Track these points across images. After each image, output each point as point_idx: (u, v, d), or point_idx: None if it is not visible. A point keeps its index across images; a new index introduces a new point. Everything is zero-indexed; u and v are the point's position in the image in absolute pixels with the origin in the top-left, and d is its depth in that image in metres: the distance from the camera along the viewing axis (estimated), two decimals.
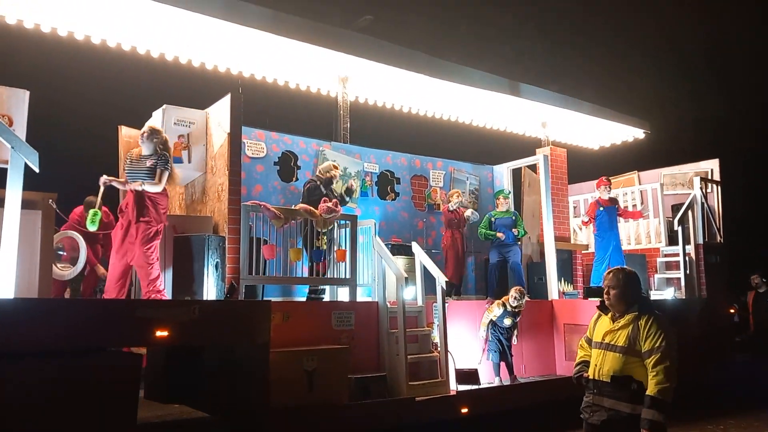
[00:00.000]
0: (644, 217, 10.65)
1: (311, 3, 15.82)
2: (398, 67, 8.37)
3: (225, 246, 5.85)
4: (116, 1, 6.46)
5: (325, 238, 6.88)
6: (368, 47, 8.14)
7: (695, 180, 10.49)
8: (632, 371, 3.61)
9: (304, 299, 7.18)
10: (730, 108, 19.82)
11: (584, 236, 11.89)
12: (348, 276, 6.84)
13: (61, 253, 6.20)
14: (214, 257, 5.60)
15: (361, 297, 7.26)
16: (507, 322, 7.37)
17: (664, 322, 3.66)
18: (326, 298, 7.09)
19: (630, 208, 11.11)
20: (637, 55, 20.62)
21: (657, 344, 3.55)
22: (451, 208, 8.82)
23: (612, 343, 3.69)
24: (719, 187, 10.88)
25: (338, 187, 8.01)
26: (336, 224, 6.90)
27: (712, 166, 11.17)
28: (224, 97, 6.34)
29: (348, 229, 6.92)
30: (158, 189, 5.59)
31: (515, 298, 7.34)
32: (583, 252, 10.77)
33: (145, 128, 5.75)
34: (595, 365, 3.75)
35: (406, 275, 6.70)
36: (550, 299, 8.79)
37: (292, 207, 6.61)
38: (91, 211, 5.52)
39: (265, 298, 6.85)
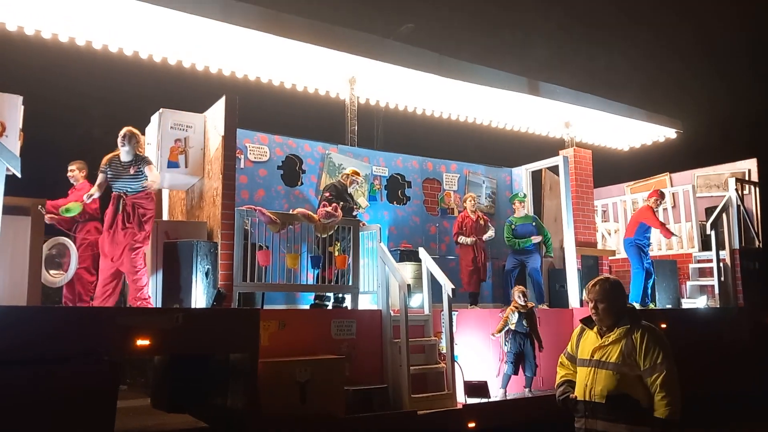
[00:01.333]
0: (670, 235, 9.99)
1: (355, 12, 15.78)
2: (408, 67, 8.15)
3: (218, 252, 5.70)
4: (119, 5, 6.43)
5: (339, 244, 6.70)
6: (376, 47, 7.95)
7: (730, 181, 9.94)
8: (629, 389, 3.31)
9: (307, 307, 6.99)
10: None
11: (614, 242, 11.42)
12: (350, 283, 6.62)
13: (57, 260, 6.16)
14: (204, 264, 5.46)
15: (370, 305, 7.03)
16: (525, 323, 7.05)
17: (659, 335, 3.41)
18: (348, 306, 6.92)
19: (661, 214, 10.56)
20: (669, 50, 19.82)
21: (658, 360, 3.29)
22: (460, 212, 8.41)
23: (604, 359, 3.38)
24: (757, 189, 10.28)
25: (358, 193, 7.83)
26: (337, 229, 6.68)
27: (749, 166, 10.58)
28: (220, 100, 6.21)
29: (351, 235, 6.70)
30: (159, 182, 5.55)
31: (519, 296, 7.07)
32: (610, 258, 10.30)
33: (125, 131, 5.66)
34: (585, 385, 3.43)
35: (409, 282, 6.43)
36: (570, 308, 8.39)
37: (290, 212, 6.43)
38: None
39: (265, 306, 6.71)
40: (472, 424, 6.34)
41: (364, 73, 8.23)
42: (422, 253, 7.18)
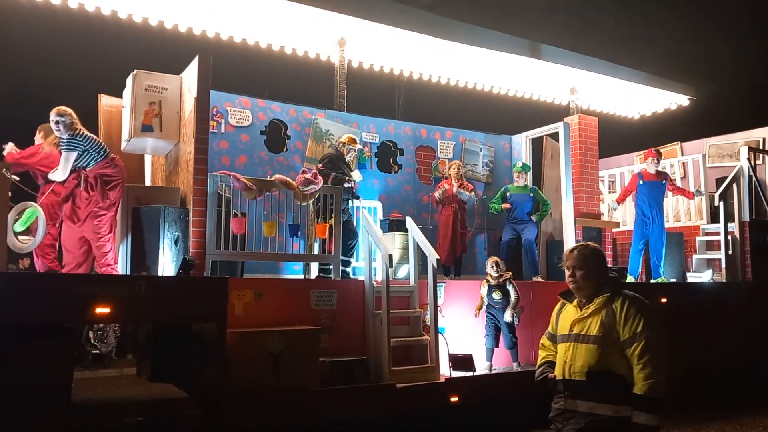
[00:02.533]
0: (693, 197, 9.57)
1: None
2: (402, 27, 7.83)
3: (189, 219, 5.54)
4: None
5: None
6: (366, 6, 7.62)
7: (742, 150, 9.51)
8: (612, 364, 3.00)
9: (295, 277, 6.85)
10: None
11: (620, 214, 11.07)
12: (331, 252, 6.44)
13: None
14: (173, 231, 5.30)
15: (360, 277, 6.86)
16: (496, 296, 6.82)
17: (643, 303, 3.09)
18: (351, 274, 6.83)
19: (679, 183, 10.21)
20: (681, 12, 18.77)
21: (638, 329, 2.97)
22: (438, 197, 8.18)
23: (583, 333, 3.08)
24: None
25: (353, 164, 7.58)
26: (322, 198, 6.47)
27: (764, 134, 10.10)
28: (194, 60, 5.98)
29: (333, 204, 6.49)
30: (60, 177, 5.36)
31: (492, 267, 6.83)
32: (614, 230, 9.99)
33: (51, 113, 5.45)
34: (564, 362, 3.13)
35: (398, 252, 6.22)
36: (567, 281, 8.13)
37: (267, 178, 6.22)
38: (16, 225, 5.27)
39: (246, 276, 6.58)
40: (455, 398, 6.18)
41: (354, 33, 7.91)
42: (409, 222, 6.97)
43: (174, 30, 7.53)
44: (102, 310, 4.52)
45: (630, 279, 8.61)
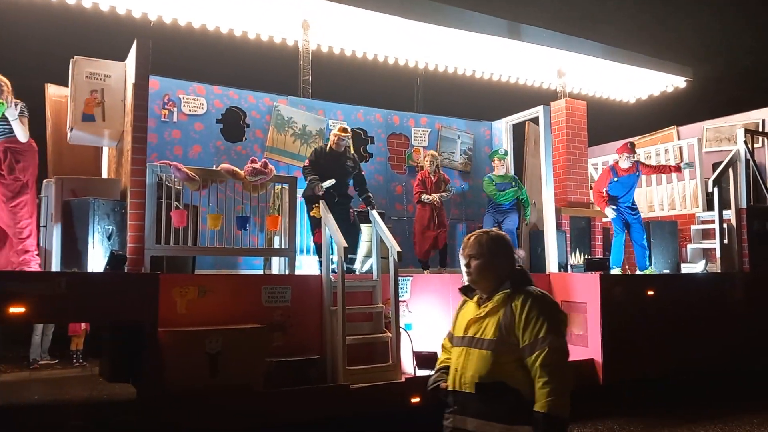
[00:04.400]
0: (679, 171, 9.11)
1: None
2: (370, 9, 7.50)
3: (125, 212, 5.29)
4: None
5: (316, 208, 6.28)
6: None
7: (739, 132, 9.07)
8: (506, 375, 2.51)
9: (246, 272, 6.59)
10: None
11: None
12: (285, 246, 6.16)
13: None
14: (105, 224, 5.05)
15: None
16: None
17: (548, 303, 2.59)
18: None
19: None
20: None
21: (541, 334, 2.47)
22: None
23: (478, 336, 2.60)
24: None
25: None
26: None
27: (763, 116, 9.63)
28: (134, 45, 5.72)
29: (287, 193, 6.21)
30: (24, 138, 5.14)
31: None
32: (603, 219, 9.59)
33: None
34: (456, 370, 2.64)
35: (347, 244, 5.93)
36: (547, 273, 7.80)
37: (214, 168, 5.95)
38: None
39: (197, 272, 6.33)
40: (416, 399, 5.88)
41: (318, 16, 7.60)
42: (372, 213, 6.67)
43: (128, 15, 7.27)
44: (16, 309, 4.28)
45: (616, 270, 8.25)
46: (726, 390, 7.57)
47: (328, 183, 6.44)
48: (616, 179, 8.31)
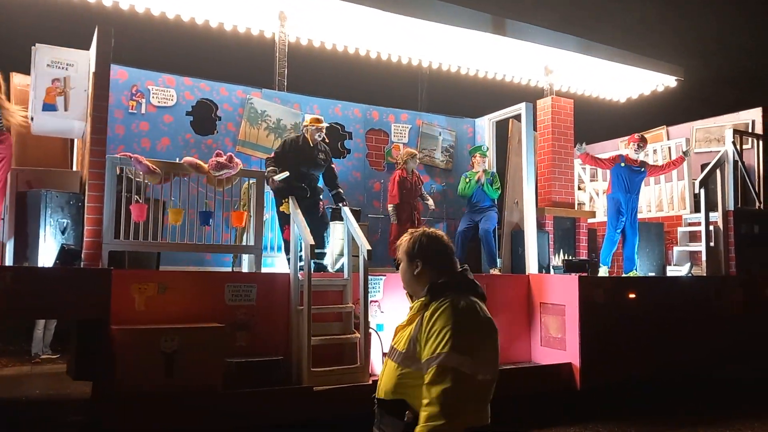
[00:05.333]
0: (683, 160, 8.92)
1: None
2: (349, 1, 7.33)
3: (81, 205, 5.14)
4: None
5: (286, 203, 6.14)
6: None
7: (727, 133, 8.94)
8: (409, 393, 2.26)
9: (211, 269, 6.45)
10: None
11: (603, 203, 10.53)
12: (252, 243, 6.02)
13: None
14: (57, 217, 4.90)
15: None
16: None
17: (462, 315, 2.24)
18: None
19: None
20: None
21: (440, 348, 2.16)
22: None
23: (395, 346, 2.40)
24: (761, 142, 9.22)
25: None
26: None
27: (753, 116, 9.48)
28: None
29: (254, 188, 6.07)
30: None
31: None
32: (590, 220, 9.45)
33: None
34: (378, 383, 2.48)
35: (313, 242, 5.79)
36: (527, 274, 7.65)
37: (177, 161, 5.80)
38: None
39: (161, 268, 6.19)
40: None
41: (296, 7, 7.44)
42: (344, 210, 6.53)
43: (98, 5, 7.11)
44: None
45: (603, 270, 8.12)
46: (709, 395, 7.44)
47: (282, 176, 6.28)
48: (623, 164, 8.16)
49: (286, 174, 6.28)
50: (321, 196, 6.71)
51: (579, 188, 10.98)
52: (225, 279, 5.73)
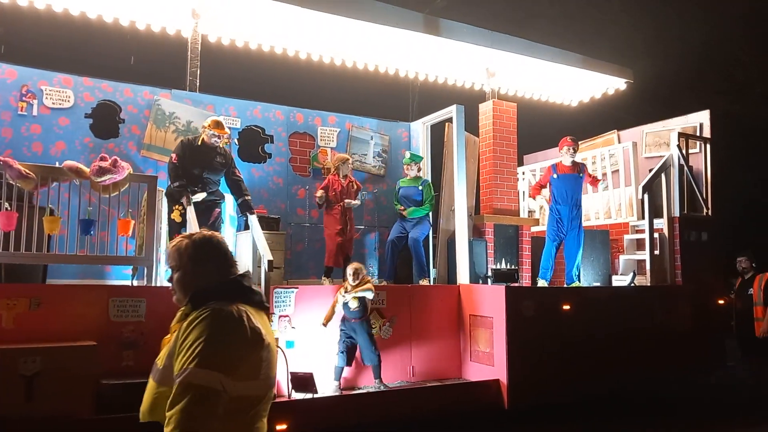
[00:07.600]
0: (597, 188, 8.92)
1: None
2: None
3: None
4: None
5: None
6: None
7: (672, 136, 8.75)
8: (163, 414, 1.96)
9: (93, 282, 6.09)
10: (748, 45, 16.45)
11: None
12: (143, 254, 5.66)
13: None
14: None
15: None
16: (353, 304, 6.06)
17: (216, 325, 1.99)
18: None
19: (600, 176, 9.47)
20: None
21: (186, 364, 1.92)
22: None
23: (156, 362, 2.18)
24: (708, 146, 9.03)
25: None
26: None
27: (701, 119, 9.30)
28: None
29: (146, 194, 5.72)
30: None
31: (350, 275, 6.12)
32: (533, 229, 9.19)
33: None
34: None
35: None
36: (457, 284, 7.35)
37: (56, 165, 5.43)
38: None
39: (49, 281, 5.81)
40: (281, 426, 5.37)
41: (208, 4, 7.12)
42: (250, 219, 6.20)
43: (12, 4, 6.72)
44: None
45: (542, 283, 7.83)
46: (648, 418, 7.11)
47: (198, 197, 6.02)
48: (555, 176, 7.93)
49: (204, 195, 6.06)
50: (220, 204, 6.37)
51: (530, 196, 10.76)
52: (110, 293, 5.37)
